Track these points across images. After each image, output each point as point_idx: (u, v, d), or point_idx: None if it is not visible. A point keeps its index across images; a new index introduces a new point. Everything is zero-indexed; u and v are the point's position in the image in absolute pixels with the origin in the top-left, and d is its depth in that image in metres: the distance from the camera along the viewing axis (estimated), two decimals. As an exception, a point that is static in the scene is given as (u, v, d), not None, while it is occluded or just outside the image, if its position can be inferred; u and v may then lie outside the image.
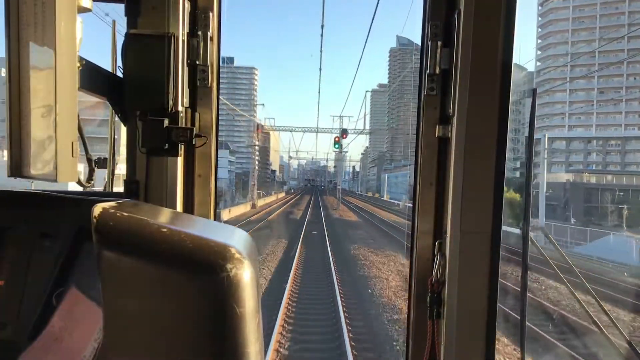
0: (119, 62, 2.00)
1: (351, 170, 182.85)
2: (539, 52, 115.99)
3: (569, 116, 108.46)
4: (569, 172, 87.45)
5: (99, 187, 2.50)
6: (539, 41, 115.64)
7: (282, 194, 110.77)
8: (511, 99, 2.05)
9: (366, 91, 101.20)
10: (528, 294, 2.73)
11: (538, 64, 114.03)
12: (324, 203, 77.13)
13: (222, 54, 2.33)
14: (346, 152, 65.90)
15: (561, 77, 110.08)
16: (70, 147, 1.44)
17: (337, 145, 56.32)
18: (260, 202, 64.58)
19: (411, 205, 2.47)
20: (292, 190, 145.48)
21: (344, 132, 57.69)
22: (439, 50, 2.14)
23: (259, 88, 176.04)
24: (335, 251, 24.98)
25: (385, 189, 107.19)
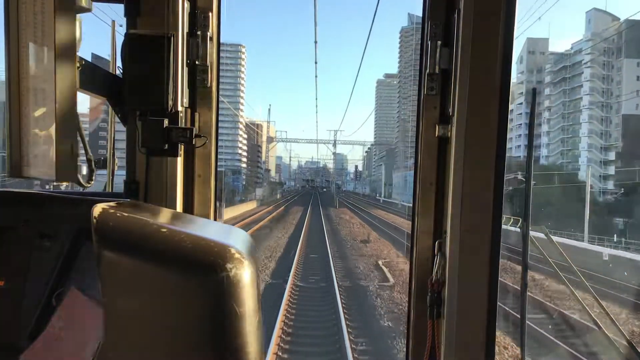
0: (119, 62, 2.00)
1: (353, 169, 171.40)
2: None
3: None
4: None
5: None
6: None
7: (252, 205, 58.17)
8: (511, 96, 2.05)
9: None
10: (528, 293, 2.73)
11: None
12: (348, 264, 21.61)
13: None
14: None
15: None
16: (69, 148, 1.45)
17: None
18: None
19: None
20: (280, 195, 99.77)
21: None
22: (438, 50, 2.14)
23: (246, 69, 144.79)
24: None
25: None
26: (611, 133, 76.38)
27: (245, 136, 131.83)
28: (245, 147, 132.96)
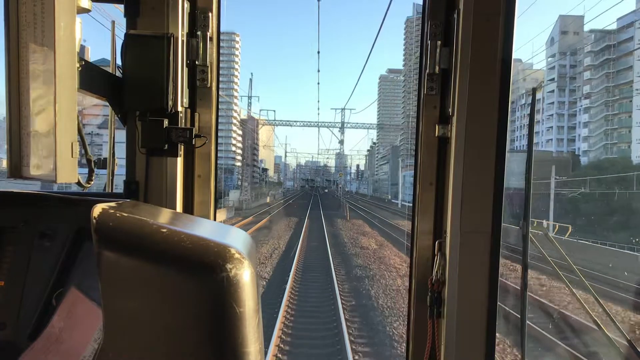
0: (119, 63, 2.00)
1: (355, 169, 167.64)
2: None
3: None
4: None
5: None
6: None
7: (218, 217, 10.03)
8: (511, 97, 2.05)
9: None
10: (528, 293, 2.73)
11: None
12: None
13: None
14: None
15: None
16: (70, 148, 1.45)
17: None
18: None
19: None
20: (271, 198, 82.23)
21: None
22: (438, 50, 2.14)
23: (241, 60, 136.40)
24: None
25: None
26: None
27: (240, 132, 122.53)
28: (240, 145, 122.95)
